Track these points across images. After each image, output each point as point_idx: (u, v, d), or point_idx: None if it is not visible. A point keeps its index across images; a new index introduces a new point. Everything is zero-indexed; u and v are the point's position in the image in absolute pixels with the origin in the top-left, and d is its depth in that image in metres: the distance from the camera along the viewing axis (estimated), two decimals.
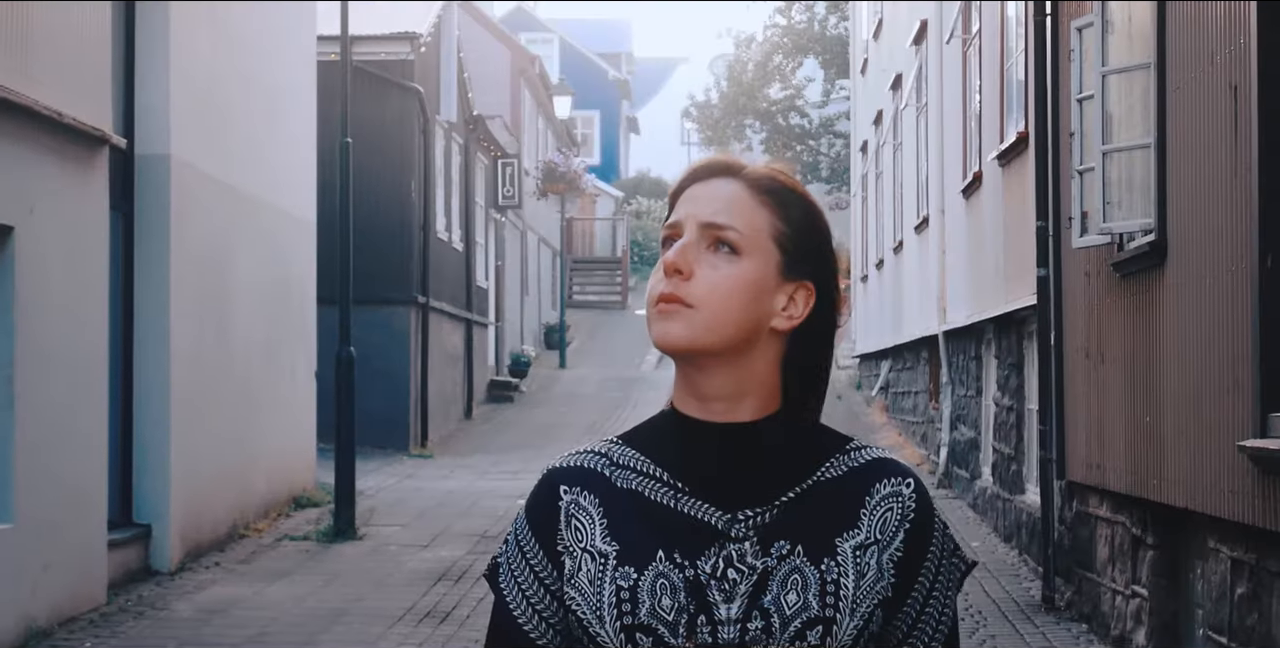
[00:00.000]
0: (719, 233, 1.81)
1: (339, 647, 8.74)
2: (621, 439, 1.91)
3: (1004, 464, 12.24)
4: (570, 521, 1.85)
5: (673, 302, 1.79)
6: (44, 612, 8.90)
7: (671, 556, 1.80)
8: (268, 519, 13.28)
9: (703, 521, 1.81)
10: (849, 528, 1.83)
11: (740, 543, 1.80)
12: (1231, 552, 6.59)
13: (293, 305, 14.50)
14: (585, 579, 1.82)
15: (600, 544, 1.83)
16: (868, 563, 1.81)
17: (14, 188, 8.58)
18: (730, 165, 1.87)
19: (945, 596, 1.88)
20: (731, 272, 1.80)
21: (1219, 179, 6.40)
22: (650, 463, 1.86)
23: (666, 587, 1.79)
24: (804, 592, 1.79)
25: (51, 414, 9.02)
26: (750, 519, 1.81)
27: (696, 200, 1.84)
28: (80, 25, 9.46)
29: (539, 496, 1.88)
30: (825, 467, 1.85)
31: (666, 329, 1.79)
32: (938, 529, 1.88)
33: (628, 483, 1.85)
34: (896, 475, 1.86)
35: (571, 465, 1.89)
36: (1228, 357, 6.28)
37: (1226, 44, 6.30)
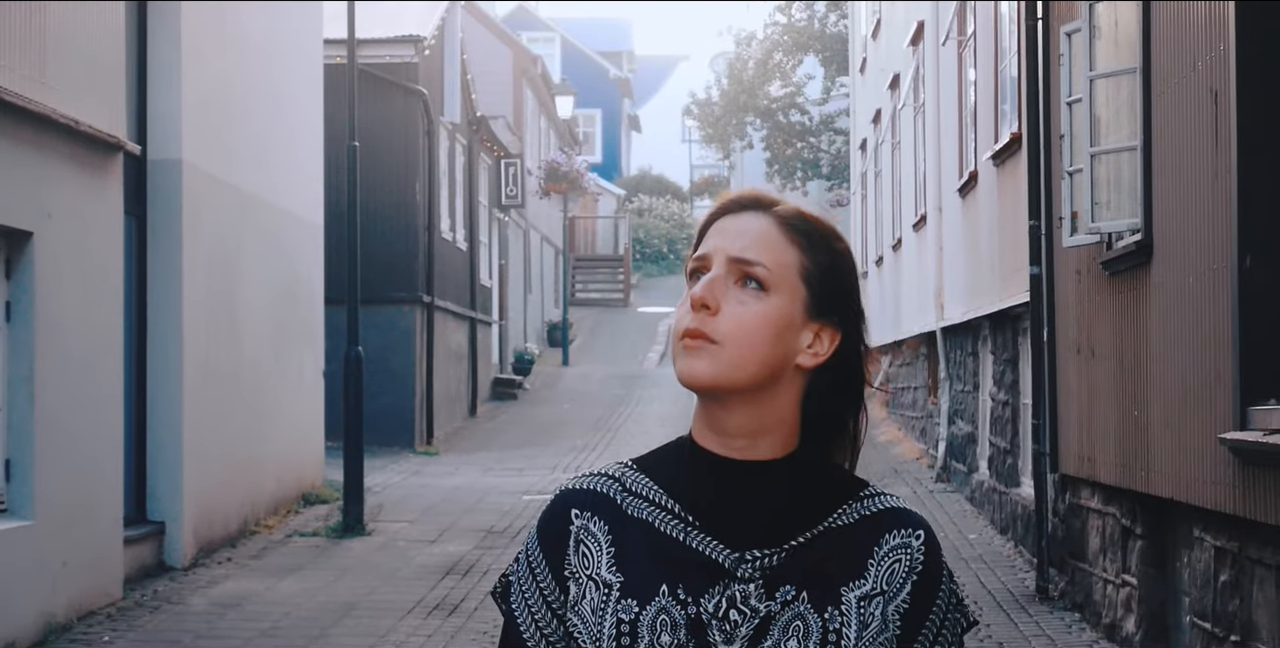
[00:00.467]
0: (747, 268, 1.80)
1: (351, 639, 8.97)
2: (636, 464, 1.90)
3: (1000, 458, 12.47)
4: (579, 546, 1.85)
5: (699, 337, 1.78)
6: (63, 606, 9.14)
7: (675, 591, 1.80)
8: (277, 516, 13.51)
9: (710, 557, 1.81)
10: (855, 578, 1.82)
11: (745, 584, 1.80)
12: (1215, 541, 6.82)
13: (300, 306, 14.74)
14: (588, 608, 1.82)
15: (606, 574, 1.83)
16: (872, 614, 1.81)
17: (33, 194, 8.81)
18: (761, 200, 1.86)
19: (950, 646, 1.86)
20: (759, 309, 1.79)
21: (1201, 181, 6.62)
22: (663, 494, 1.85)
23: (667, 624, 1.78)
24: (805, 639, 1.78)
25: (69, 414, 9.25)
26: (758, 561, 1.80)
27: (726, 234, 1.84)
28: (95, 34, 9.69)
29: (551, 517, 1.88)
30: (838, 513, 1.84)
31: (692, 366, 1.78)
32: (944, 583, 1.87)
33: (639, 512, 1.85)
34: (907, 527, 1.85)
35: (585, 489, 1.88)
36: (1210, 352, 6.50)
37: (1207, 50, 6.53)
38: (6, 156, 8.49)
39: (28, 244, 8.81)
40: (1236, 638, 6.50)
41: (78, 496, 9.37)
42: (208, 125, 11.77)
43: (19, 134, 8.60)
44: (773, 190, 14.47)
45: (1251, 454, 5.91)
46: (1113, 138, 7.97)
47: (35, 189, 8.85)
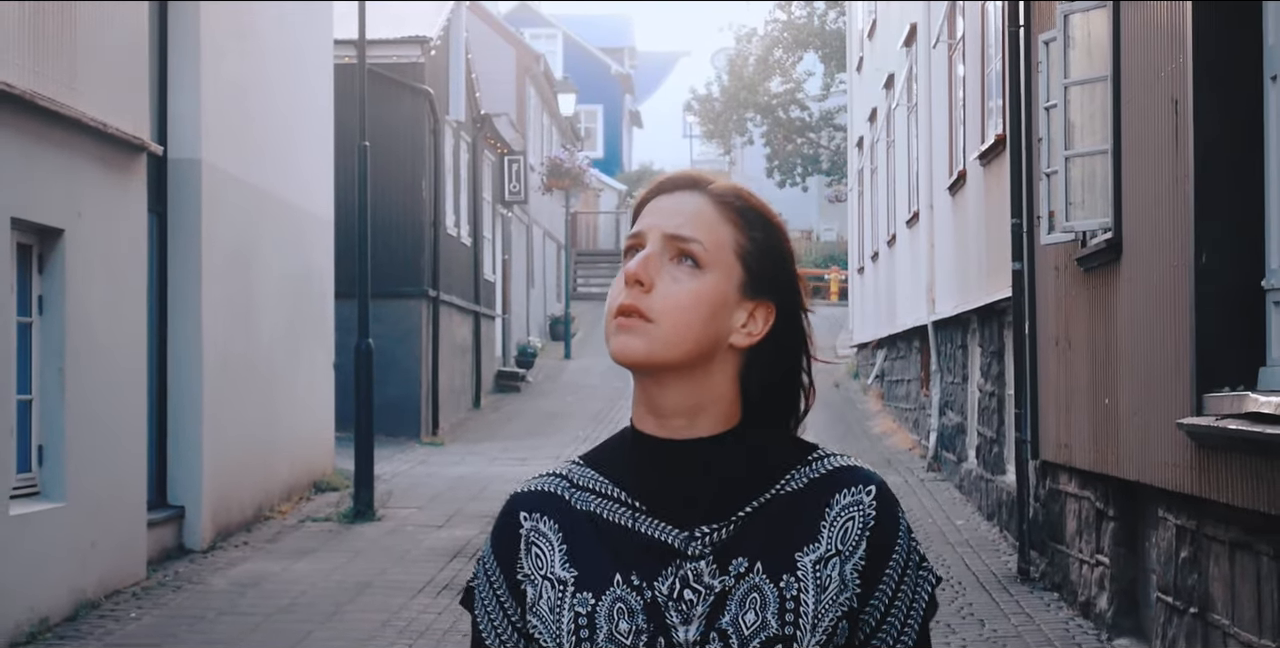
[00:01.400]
0: (683, 245, 1.79)
1: (366, 615, 9.45)
2: (583, 459, 1.89)
3: (987, 447, 12.95)
4: (530, 548, 1.84)
5: (632, 314, 1.77)
6: (92, 585, 9.62)
7: (629, 578, 1.78)
8: (290, 502, 14.00)
9: (660, 540, 1.79)
10: (809, 542, 1.79)
11: (697, 562, 1.78)
12: (1176, 520, 7.30)
13: (312, 299, 15.22)
14: (546, 607, 1.81)
15: (559, 571, 1.81)
16: (829, 576, 1.78)
17: (64, 193, 9.29)
18: (697, 179, 1.85)
19: (911, 607, 1.83)
20: (693, 286, 1.78)
21: (1163, 184, 7.09)
22: (608, 483, 1.84)
23: (624, 611, 1.77)
24: (763, 611, 1.76)
25: (97, 403, 9.73)
26: (706, 536, 1.78)
27: (661, 212, 1.82)
28: (120, 39, 10.16)
29: (501, 524, 1.87)
30: (785, 480, 1.82)
31: (625, 343, 1.77)
32: (901, 537, 1.83)
33: (586, 505, 1.84)
34: (857, 484, 1.82)
35: (532, 490, 1.87)
36: (1171, 343, 6.97)
37: (1169, 61, 6.99)
38: (41, 158, 8.97)
39: (59, 241, 9.29)
40: (1195, 610, 6.98)
41: (105, 480, 9.85)
42: (225, 125, 12.25)
43: (51, 136, 9.08)
44: (771, 185, 15.20)
45: (1206, 438, 6.37)
46: (1086, 142, 8.43)
47: (66, 188, 9.33)
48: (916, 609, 1.83)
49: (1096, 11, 8.22)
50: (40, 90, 8.75)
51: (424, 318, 20.31)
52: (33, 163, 8.87)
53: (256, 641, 8.79)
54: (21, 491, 8.94)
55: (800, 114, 44.30)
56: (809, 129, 44.66)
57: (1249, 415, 5.88)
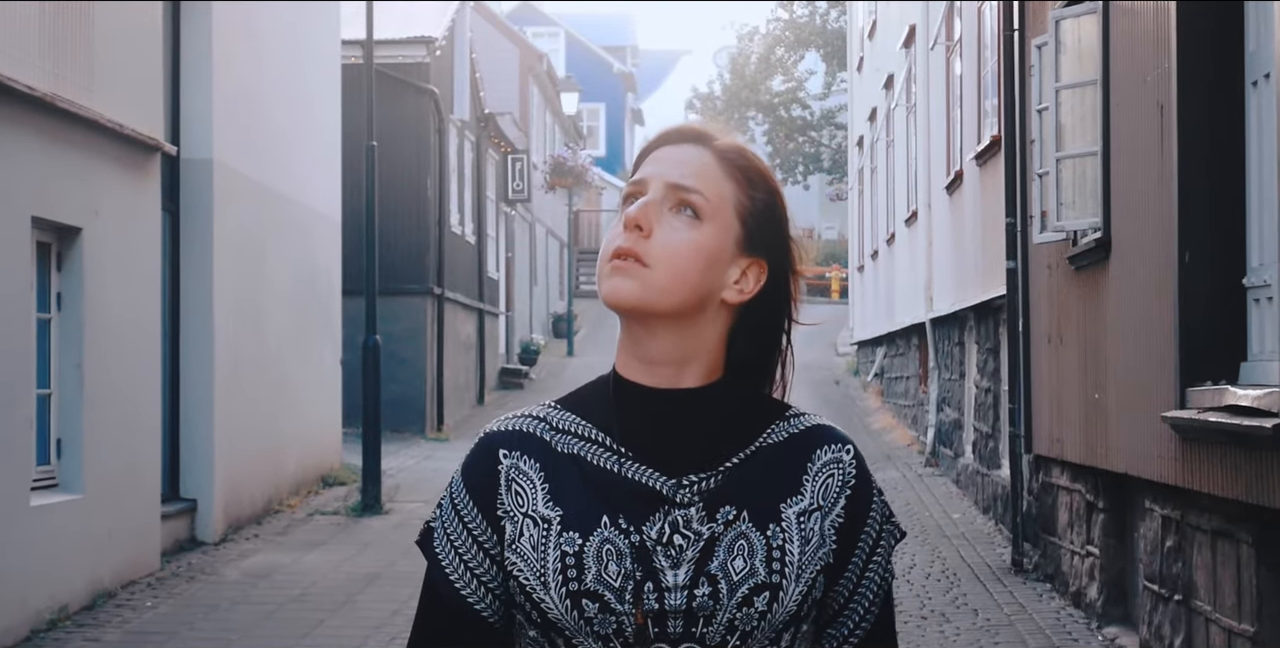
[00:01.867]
0: (685, 195, 1.80)
1: (376, 604, 9.70)
2: (560, 404, 1.89)
3: (983, 442, 13.19)
4: (511, 485, 1.83)
5: (628, 257, 1.78)
6: (109, 575, 9.87)
7: (616, 521, 1.79)
8: (299, 496, 14.25)
9: (647, 486, 1.80)
10: (792, 494, 1.83)
11: (686, 509, 1.79)
12: (1162, 510, 7.54)
13: (319, 297, 15.47)
14: (528, 545, 1.80)
15: (543, 509, 1.81)
16: (811, 529, 1.82)
17: (82, 193, 9.53)
18: (701, 134, 1.86)
19: (885, 561, 1.89)
20: (692, 236, 1.80)
21: (1149, 185, 7.33)
22: (592, 427, 1.84)
23: (612, 553, 1.78)
24: (750, 558, 1.79)
25: (113, 397, 9.97)
26: (695, 485, 1.80)
27: (664, 161, 1.83)
28: (136, 41, 10.41)
29: (476, 459, 1.87)
30: (767, 433, 1.86)
31: (618, 286, 1.79)
32: (876, 495, 1.88)
33: (569, 448, 1.84)
34: (836, 442, 1.87)
35: (510, 429, 1.87)
36: (1157, 339, 7.21)
37: (1154, 66, 7.23)
38: (59, 158, 9.21)
39: (77, 239, 9.53)
40: (1179, 598, 7.22)
41: (121, 473, 10.09)
42: (235, 125, 12.49)
43: (70, 137, 9.32)
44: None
45: (1189, 430, 6.61)
46: (1077, 144, 8.67)
47: (84, 188, 9.57)
48: (889, 570, 1.89)
49: (1087, 17, 8.46)
50: (60, 92, 9.00)
51: (429, 315, 20.57)
52: (52, 163, 9.11)
53: (271, 629, 9.04)
54: (41, 482, 9.18)
55: (802, 113, 44.55)
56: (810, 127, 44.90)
57: (1228, 408, 6.12)
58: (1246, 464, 5.94)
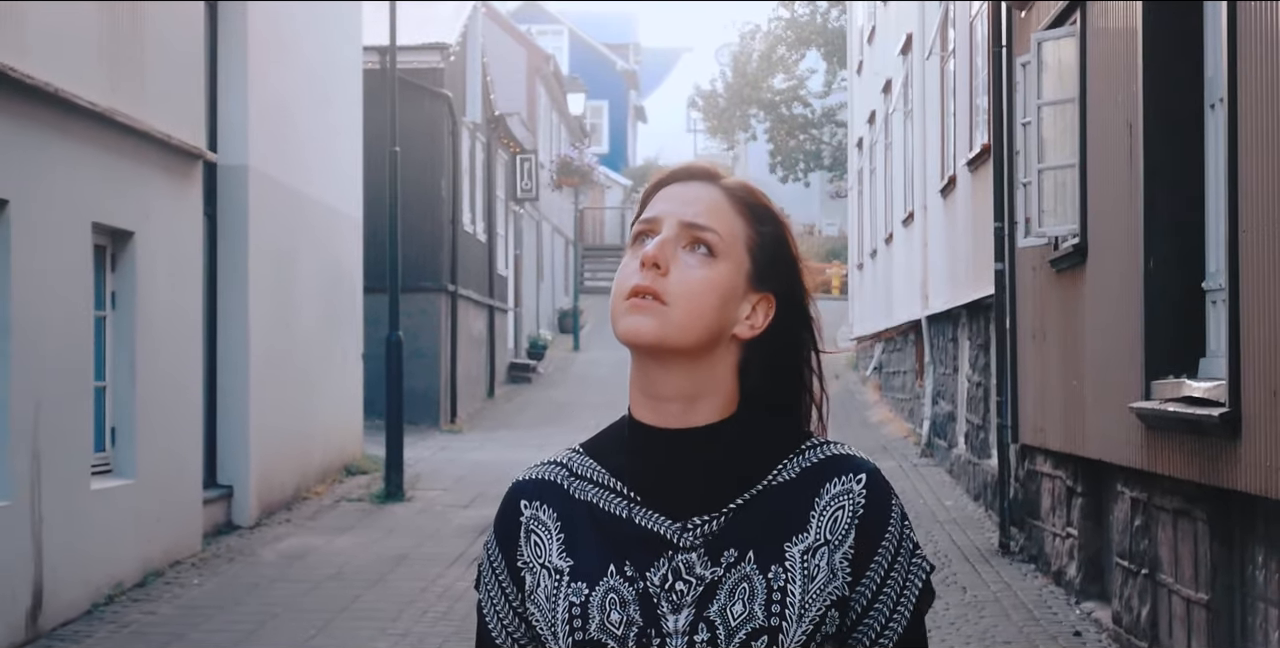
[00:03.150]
0: (699, 233, 1.82)
1: (407, 582, 10.43)
2: (583, 448, 1.91)
3: (974, 433, 13.91)
4: (530, 536, 1.86)
5: (647, 295, 1.79)
6: (157, 555, 10.60)
7: (622, 569, 1.81)
8: (324, 484, 14.98)
9: (653, 531, 1.81)
10: (798, 532, 1.81)
11: (689, 553, 1.80)
12: (1131, 492, 8.26)
13: (343, 294, 16.20)
14: (543, 596, 1.83)
15: (556, 560, 1.84)
16: (817, 566, 1.80)
17: (135, 199, 10.26)
18: (709, 171, 1.89)
19: (901, 593, 1.83)
20: (707, 273, 1.81)
21: (1119, 196, 8.04)
22: (606, 473, 1.86)
23: (616, 601, 1.79)
24: (750, 602, 1.78)
25: (161, 389, 10.70)
26: (698, 528, 1.80)
27: (676, 199, 1.85)
28: (181, 55, 11.13)
29: (504, 511, 1.90)
30: (777, 470, 1.84)
31: (638, 323, 1.79)
32: (893, 525, 1.84)
33: (584, 494, 1.86)
34: (848, 472, 1.84)
35: (533, 478, 1.90)
36: (1126, 336, 7.91)
37: (1124, 88, 7.94)
38: (116, 167, 9.94)
39: (130, 242, 10.26)
40: (1146, 572, 7.95)
41: (167, 460, 10.82)
42: (268, 132, 13.21)
43: (124, 148, 10.04)
44: (774, 181, 16.50)
45: (1152, 419, 7.32)
46: (1057, 156, 9.38)
47: (136, 194, 10.30)
48: (908, 596, 1.83)
49: (1066, 39, 9.17)
50: (117, 107, 9.72)
51: (443, 312, 21.31)
52: (109, 171, 9.84)
53: (311, 604, 9.77)
54: (97, 468, 9.91)
55: (803, 111, 45.12)
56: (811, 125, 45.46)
57: (1185, 399, 6.84)
58: (1200, 449, 6.66)
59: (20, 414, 8.46)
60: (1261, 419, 5.91)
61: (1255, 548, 6.54)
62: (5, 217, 8.36)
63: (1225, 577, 6.90)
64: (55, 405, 8.91)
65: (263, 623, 9.18)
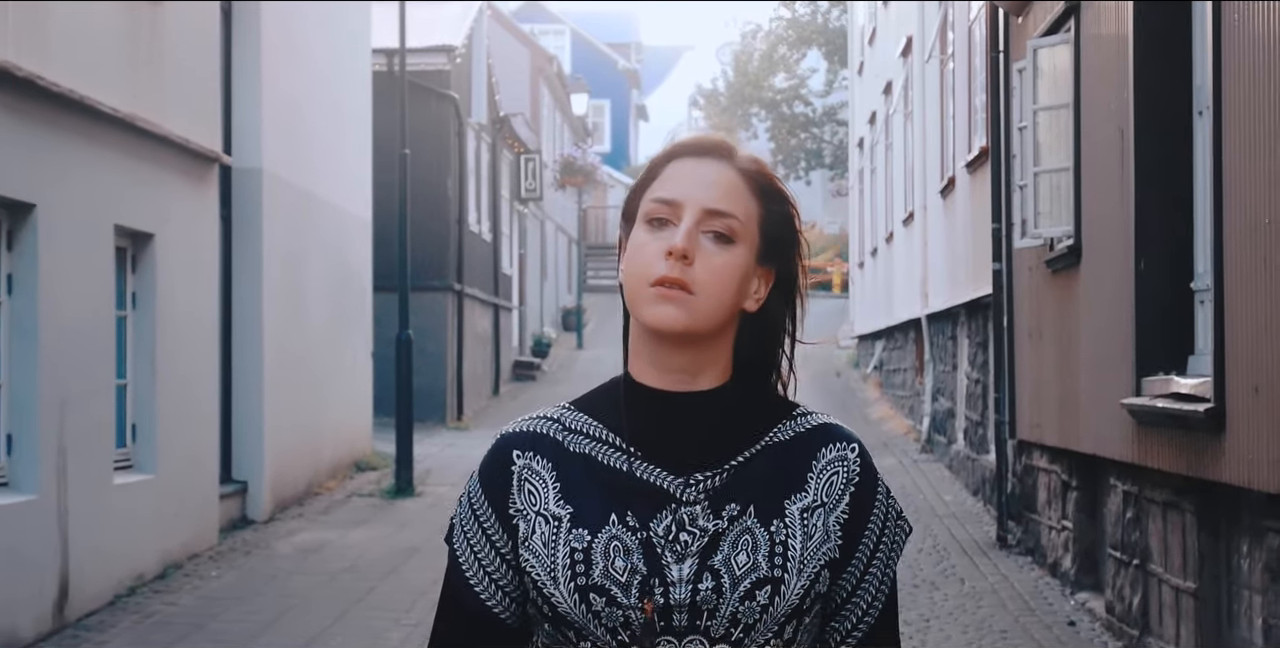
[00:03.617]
0: (723, 221, 1.86)
1: (420, 573, 10.70)
2: (574, 405, 1.96)
3: (973, 429, 14.19)
4: (523, 485, 1.89)
5: (676, 286, 1.84)
6: (176, 548, 10.88)
7: (624, 518, 1.85)
8: (335, 480, 15.26)
9: (655, 485, 1.86)
10: (797, 491, 1.88)
11: (692, 506, 1.85)
12: (1123, 486, 8.54)
13: (353, 293, 16.48)
14: (540, 542, 1.86)
15: (554, 508, 1.87)
16: (815, 525, 1.87)
17: (155, 202, 10.53)
18: (722, 148, 1.91)
19: (888, 557, 1.94)
20: (728, 259, 1.86)
21: (1112, 200, 8.31)
22: (603, 428, 1.91)
23: (620, 549, 1.84)
24: (754, 553, 1.84)
25: (179, 387, 10.97)
26: (701, 483, 1.86)
27: (693, 181, 1.88)
28: (198, 62, 11.40)
29: (492, 460, 1.93)
30: (773, 432, 1.92)
31: (667, 312, 1.84)
32: (881, 493, 1.93)
33: (580, 447, 1.91)
34: (841, 440, 1.93)
35: (524, 431, 1.94)
36: (1118, 335, 8.18)
37: (1116, 95, 8.21)
38: (136, 171, 10.21)
39: (150, 244, 10.54)
40: (1137, 562, 8.22)
41: (185, 456, 11.10)
42: (281, 134, 13.48)
43: (142, 152, 10.31)
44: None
45: (1142, 415, 7.59)
46: (1052, 160, 9.65)
47: (156, 197, 10.57)
48: (893, 566, 1.95)
49: (1061, 46, 9.43)
50: (138, 112, 9.99)
51: (450, 310, 21.59)
52: (130, 175, 10.11)
53: (328, 594, 10.04)
54: (119, 464, 10.18)
55: (804, 109, 45.36)
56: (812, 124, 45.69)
57: (1172, 395, 7.12)
58: (1188, 444, 6.93)
59: (47, 411, 8.74)
60: (1244, 414, 6.18)
61: (1240, 538, 6.82)
62: (32, 220, 8.63)
63: (1212, 566, 7.17)
64: (80, 403, 9.19)
65: (281, 614, 9.45)
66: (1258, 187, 6.03)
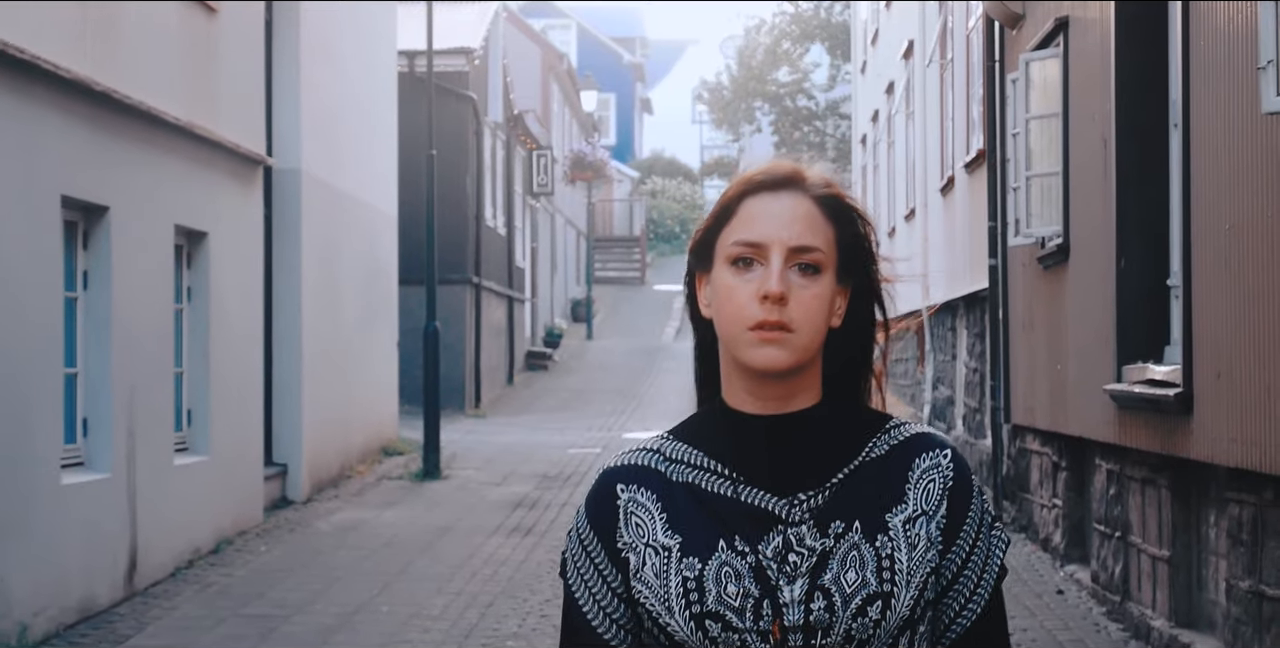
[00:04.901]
0: (808, 256, 1.89)
1: (454, 549, 11.50)
2: (672, 434, 1.99)
3: (971, 416, 14.96)
4: (630, 518, 1.93)
5: (776, 327, 1.87)
6: (227, 525, 11.67)
7: (733, 543, 1.88)
8: (365, 464, 16.05)
9: (760, 507, 1.89)
10: (897, 503, 1.91)
11: (798, 526, 1.88)
12: (1107, 465, 9.32)
13: (380, 286, 17.28)
14: (651, 573, 1.89)
15: (662, 538, 1.91)
16: (918, 535, 1.90)
17: (209, 203, 11.32)
18: (795, 175, 1.94)
19: (986, 564, 1.94)
20: (818, 291, 1.89)
21: (1096, 203, 9.08)
22: (703, 456, 1.94)
23: (731, 574, 1.86)
24: (862, 569, 1.86)
25: (229, 375, 11.75)
26: (805, 502, 1.89)
27: (774, 219, 1.90)
28: (244, 70, 12.18)
29: (597, 495, 1.97)
30: (870, 447, 1.94)
31: (770, 354, 1.87)
32: (976, 496, 1.96)
33: (683, 477, 1.93)
34: (935, 448, 1.96)
35: (626, 464, 1.97)
36: (1101, 326, 8.95)
37: (1100, 107, 8.97)
38: (193, 174, 10.99)
39: (204, 242, 11.32)
40: (1119, 534, 9.00)
41: (234, 439, 11.89)
42: (316, 136, 14.26)
43: (198, 156, 11.09)
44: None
45: (1122, 399, 8.35)
46: (1042, 165, 10.40)
47: (209, 198, 11.35)
48: (991, 567, 1.95)
49: (1050, 59, 10.19)
50: (195, 120, 10.77)
51: (468, 303, 22.39)
52: (188, 178, 10.89)
53: (370, 567, 10.83)
54: (177, 446, 10.96)
55: (807, 103, 45.96)
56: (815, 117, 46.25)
57: (1148, 381, 7.90)
58: (1161, 425, 7.71)
59: (119, 397, 9.52)
60: (1208, 398, 6.96)
61: (1207, 509, 7.60)
62: (106, 221, 9.41)
63: (1184, 536, 7.96)
64: (145, 389, 9.97)
65: (330, 584, 10.24)
66: (1220, 194, 6.80)
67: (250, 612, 9.35)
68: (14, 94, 8.10)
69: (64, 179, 8.74)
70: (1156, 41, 8.38)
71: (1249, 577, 6.67)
